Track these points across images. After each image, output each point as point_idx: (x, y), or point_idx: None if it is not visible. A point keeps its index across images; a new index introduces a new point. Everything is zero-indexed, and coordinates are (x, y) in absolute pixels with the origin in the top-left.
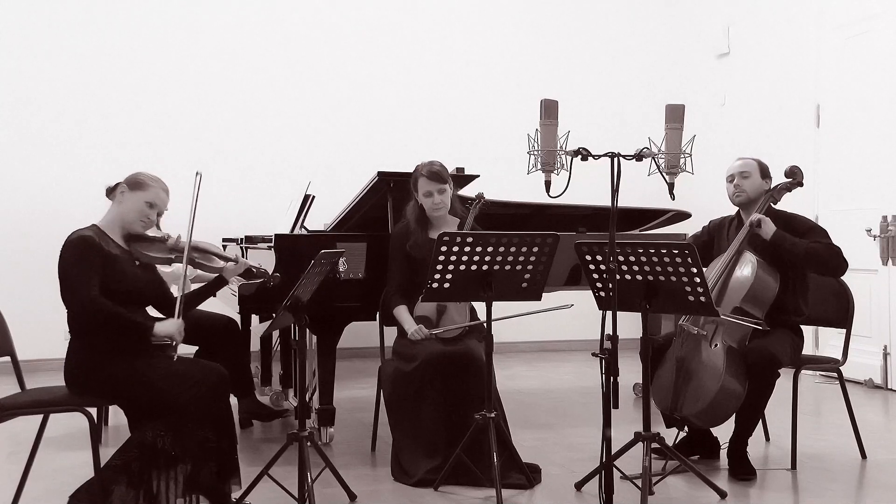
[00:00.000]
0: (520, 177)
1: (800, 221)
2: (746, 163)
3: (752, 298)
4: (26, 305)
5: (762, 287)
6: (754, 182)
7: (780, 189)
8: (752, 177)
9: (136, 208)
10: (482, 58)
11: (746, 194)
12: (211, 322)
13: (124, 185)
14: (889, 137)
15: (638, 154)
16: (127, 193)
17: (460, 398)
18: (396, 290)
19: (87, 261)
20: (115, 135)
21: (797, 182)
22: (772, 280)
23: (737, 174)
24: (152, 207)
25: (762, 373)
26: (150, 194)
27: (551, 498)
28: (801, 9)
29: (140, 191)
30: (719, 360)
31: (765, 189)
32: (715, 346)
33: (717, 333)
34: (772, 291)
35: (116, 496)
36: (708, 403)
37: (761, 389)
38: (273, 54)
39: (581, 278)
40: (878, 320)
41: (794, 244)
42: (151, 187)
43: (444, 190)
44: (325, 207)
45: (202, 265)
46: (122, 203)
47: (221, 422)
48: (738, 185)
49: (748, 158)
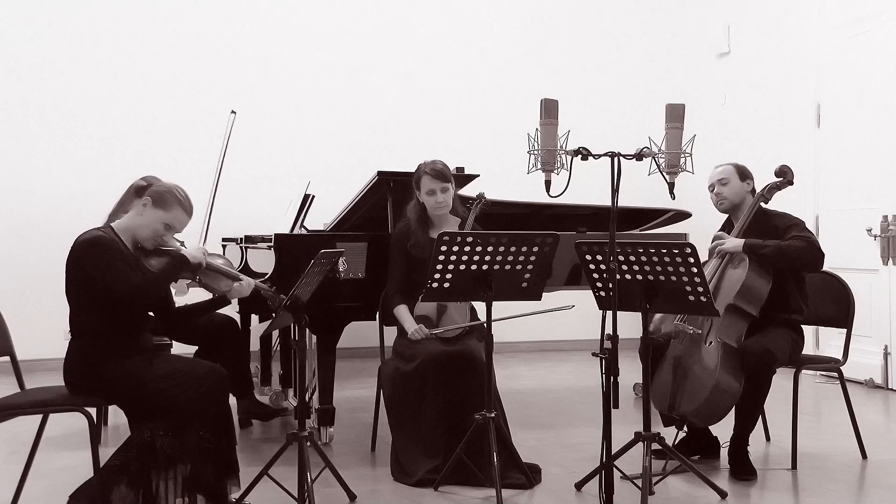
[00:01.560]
0: (520, 176)
1: (781, 219)
2: (724, 169)
3: (744, 295)
4: (26, 305)
5: (754, 283)
6: (733, 187)
7: (770, 188)
8: (731, 182)
9: (152, 227)
10: (482, 57)
11: (728, 200)
12: (210, 322)
13: (149, 197)
14: (889, 137)
15: (638, 154)
16: (149, 208)
17: (460, 398)
18: (397, 290)
19: (111, 253)
20: (114, 136)
21: (787, 181)
22: (764, 275)
23: (716, 182)
24: (169, 229)
25: (758, 369)
26: (170, 217)
27: (551, 498)
28: (802, 8)
29: (161, 210)
30: (713, 357)
31: (747, 190)
32: (709, 343)
33: (711, 331)
34: (765, 287)
35: (116, 496)
36: (703, 401)
37: (758, 386)
38: (273, 54)
39: (581, 278)
40: (879, 320)
41: (766, 247)
42: (174, 210)
43: (447, 189)
44: (325, 207)
45: (208, 286)
46: (142, 216)
47: (221, 422)
48: (718, 192)
49: (725, 164)
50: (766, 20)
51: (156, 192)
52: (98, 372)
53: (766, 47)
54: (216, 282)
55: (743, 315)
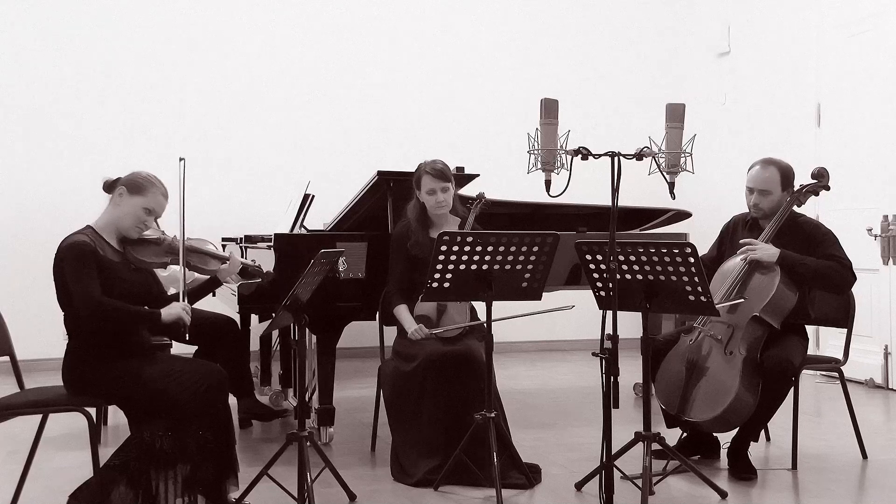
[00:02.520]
0: (520, 176)
1: (812, 228)
2: (769, 178)
3: (772, 308)
4: (25, 305)
5: (783, 296)
6: (774, 198)
7: (805, 192)
8: (773, 194)
9: (133, 213)
10: (482, 57)
11: (764, 211)
12: (210, 322)
13: (123, 187)
14: (890, 136)
15: (638, 153)
16: (125, 197)
17: (460, 398)
18: (397, 290)
19: (85, 266)
20: (113, 134)
21: (823, 185)
22: (793, 288)
23: (756, 191)
24: (150, 214)
25: (778, 382)
26: (148, 200)
27: (551, 498)
28: (802, 7)
29: (139, 196)
30: (735, 369)
31: (786, 199)
32: (730, 353)
33: (732, 340)
34: (792, 300)
35: (115, 496)
36: (721, 412)
37: (775, 397)
38: (273, 53)
39: (581, 278)
40: (879, 320)
41: (804, 265)
42: (150, 193)
43: (448, 188)
44: (325, 207)
45: (197, 267)
46: (120, 206)
47: (220, 422)
48: (756, 203)
49: (770, 166)
50: (767, 19)
51: (129, 180)
52: (96, 373)
53: (767, 47)
54: (205, 263)
55: (765, 326)
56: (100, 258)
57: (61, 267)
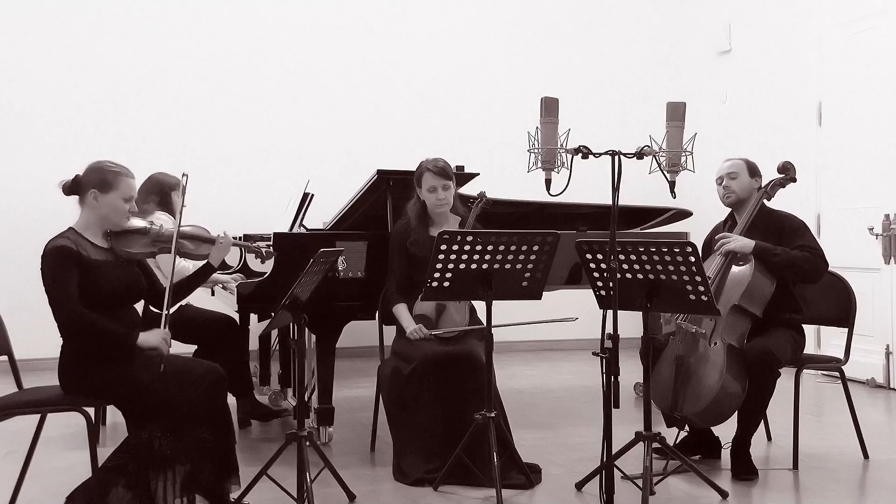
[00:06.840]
0: (520, 175)
1: (786, 221)
2: (734, 163)
3: (750, 295)
4: (24, 305)
5: (759, 284)
6: (742, 182)
7: (773, 185)
8: (741, 177)
9: (115, 208)
10: (482, 55)
11: (736, 195)
12: (209, 321)
13: (94, 190)
14: (891, 135)
15: (639, 152)
16: (101, 197)
17: (460, 398)
18: (396, 288)
19: (64, 273)
20: (112, 134)
21: (790, 178)
22: (769, 276)
23: (725, 175)
24: (128, 201)
25: (762, 371)
26: (122, 190)
27: (551, 498)
28: (803, 6)
29: (112, 191)
30: (719, 358)
31: (755, 187)
32: (714, 344)
33: (716, 331)
34: (769, 288)
35: (114, 497)
36: (709, 403)
37: (762, 388)
38: (272, 53)
39: (581, 277)
40: (881, 319)
41: (776, 255)
42: (121, 183)
43: (449, 186)
44: (324, 206)
45: (188, 254)
46: (98, 208)
47: (219, 422)
48: (726, 186)
49: (736, 159)
50: (768, 18)
51: (96, 181)
52: (92, 374)
53: (768, 45)
54: (196, 248)
55: (747, 315)
56: (83, 259)
57: (44, 273)
